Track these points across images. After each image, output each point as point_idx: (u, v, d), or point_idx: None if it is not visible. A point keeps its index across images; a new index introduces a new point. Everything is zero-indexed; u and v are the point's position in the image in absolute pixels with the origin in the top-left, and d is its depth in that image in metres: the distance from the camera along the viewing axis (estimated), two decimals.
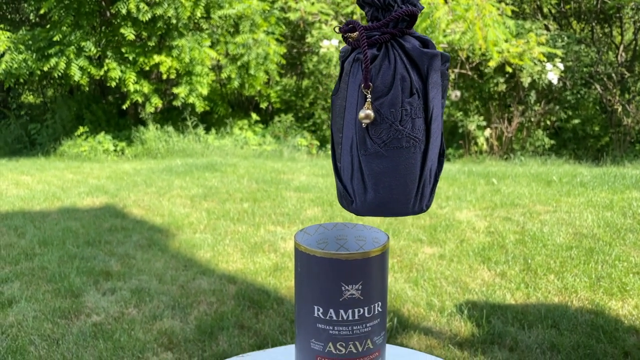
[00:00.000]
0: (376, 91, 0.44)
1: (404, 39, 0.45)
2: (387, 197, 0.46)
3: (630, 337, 1.88)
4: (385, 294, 0.53)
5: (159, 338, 1.86)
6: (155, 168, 4.97)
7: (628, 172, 4.32)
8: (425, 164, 0.46)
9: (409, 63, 0.45)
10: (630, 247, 2.63)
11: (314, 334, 0.51)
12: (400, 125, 0.44)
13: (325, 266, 0.50)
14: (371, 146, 0.45)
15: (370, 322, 0.51)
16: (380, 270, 0.52)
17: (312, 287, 0.51)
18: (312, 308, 0.51)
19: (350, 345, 0.51)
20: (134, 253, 2.70)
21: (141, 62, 6.02)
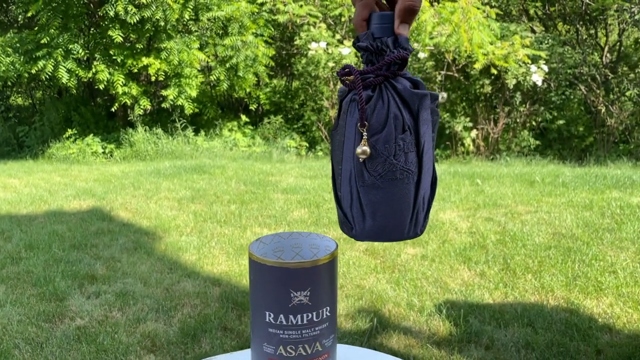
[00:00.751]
0: (372, 129, 0.48)
1: (396, 80, 0.49)
2: (384, 225, 0.50)
3: (604, 335, 1.93)
4: (335, 298, 0.57)
5: (142, 341, 1.89)
6: (143, 170, 4.99)
7: (609, 172, 4.40)
8: (419, 193, 0.51)
9: (401, 103, 0.49)
10: (607, 247, 2.69)
11: (266, 338, 0.55)
12: (394, 159, 0.49)
13: (275, 274, 0.53)
14: (368, 178, 0.49)
15: (319, 326, 0.55)
16: (328, 277, 0.55)
17: (264, 294, 0.54)
18: (264, 314, 0.55)
19: (300, 348, 0.55)
20: (120, 256, 2.73)
21: (130, 64, 6.03)
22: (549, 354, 1.81)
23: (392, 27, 0.50)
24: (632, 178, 4.01)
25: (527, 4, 7.49)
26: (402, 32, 0.49)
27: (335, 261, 0.56)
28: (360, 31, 0.50)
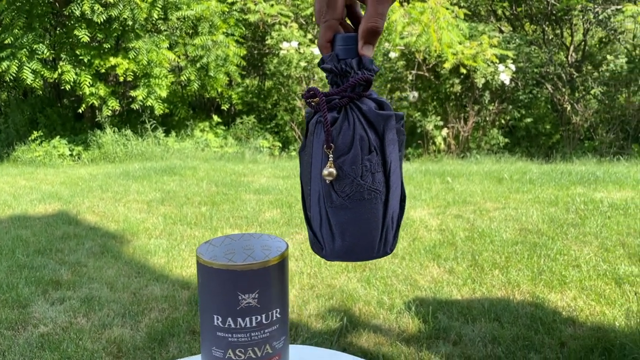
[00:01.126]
0: (338, 150, 0.49)
1: (361, 101, 0.50)
2: (354, 245, 0.51)
3: (567, 327, 1.98)
4: (285, 300, 0.56)
5: (108, 347, 1.85)
6: (112, 173, 4.89)
7: (574, 168, 4.51)
8: (387, 212, 0.51)
9: (366, 124, 0.49)
10: (571, 241, 2.76)
11: (215, 341, 0.54)
12: (361, 180, 0.49)
13: (222, 277, 0.53)
14: (336, 199, 0.50)
15: (269, 328, 0.55)
16: (278, 279, 0.55)
17: (211, 297, 0.54)
18: (212, 317, 0.54)
19: (249, 351, 0.54)
20: (86, 261, 2.67)
21: (97, 65, 5.91)
22: (515, 347, 1.84)
23: (356, 48, 0.50)
24: (596, 174, 4.12)
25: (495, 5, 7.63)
26: (366, 53, 0.49)
27: (286, 262, 0.56)
28: (324, 52, 0.50)
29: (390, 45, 5.81)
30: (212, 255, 0.57)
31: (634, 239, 2.73)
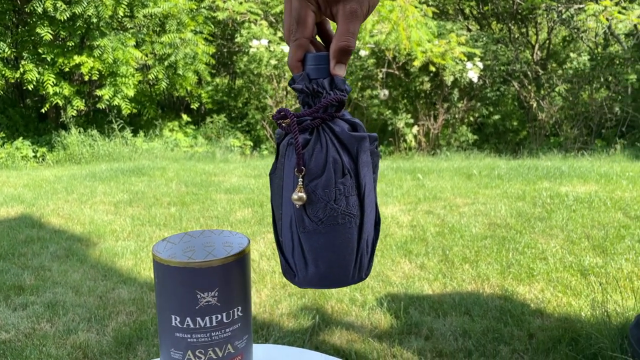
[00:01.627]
0: (310, 173, 0.47)
1: (334, 122, 0.48)
2: (327, 271, 0.49)
3: (536, 319, 2.01)
4: (248, 297, 0.55)
5: (73, 352, 1.79)
6: (77, 174, 4.76)
7: (541, 163, 4.61)
8: (362, 236, 0.49)
9: (339, 146, 0.48)
10: (538, 235, 2.81)
11: (173, 343, 0.52)
12: (335, 204, 0.47)
13: (179, 276, 0.51)
14: (309, 224, 0.48)
15: (230, 327, 0.53)
16: (238, 276, 0.53)
17: (169, 296, 0.51)
18: (169, 317, 0.52)
19: (210, 352, 0.52)
20: (50, 265, 2.58)
21: (60, 63, 5.74)
22: (485, 340, 1.86)
23: (327, 67, 0.48)
24: (562, 169, 4.22)
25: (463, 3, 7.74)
26: (338, 72, 0.48)
27: (247, 258, 0.54)
28: (295, 72, 0.49)
29: (360, 44, 5.82)
30: (170, 253, 0.54)
31: (598, 231, 2.80)
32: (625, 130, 6.12)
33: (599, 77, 6.34)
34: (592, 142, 6.20)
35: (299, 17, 0.47)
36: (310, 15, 0.47)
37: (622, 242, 2.64)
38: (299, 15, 0.47)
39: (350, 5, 0.46)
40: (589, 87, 6.53)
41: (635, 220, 2.93)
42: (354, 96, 6.39)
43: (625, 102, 6.12)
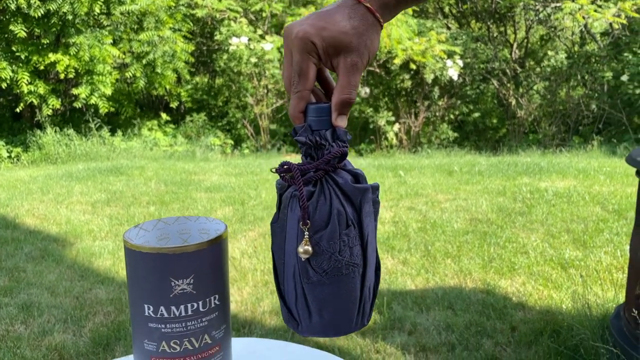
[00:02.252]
0: (315, 226, 0.47)
1: (337, 173, 0.48)
2: (331, 320, 0.49)
3: (518, 312, 2.02)
4: (224, 285, 0.52)
5: (48, 354, 1.74)
6: (53, 174, 4.65)
7: (520, 160, 4.66)
8: (364, 284, 0.50)
9: (343, 198, 0.48)
10: (519, 229, 2.83)
11: (147, 334, 0.49)
12: (339, 255, 0.48)
13: (152, 262, 0.48)
14: (313, 275, 0.48)
15: (207, 316, 0.50)
16: (215, 262, 0.50)
17: (141, 285, 0.49)
18: (142, 307, 0.49)
19: (186, 342, 0.49)
20: (25, 266, 2.51)
21: (35, 61, 5.61)
22: (468, 334, 1.86)
23: (329, 119, 0.49)
24: (540, 165, 4.26)
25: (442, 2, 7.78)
26: (339, 124, 0.49)
27: (224, 244, 0.52)
28: (297, 123, 0.49)
29: None
30: (143, 241, 0.52)
31: (577, 225, 2.83)
32: (601, 127, 6.22)
33: (576, 75, 6.45)
34: (570, 138, 6.29)
35: (301, 70, 0.47)
36: (312, 68, 0.48)
37: (601, 235, 2.68)
38: (301, 68, 0.47)
39: (351, 58, 0.47)
40: (566, 85, 6.62)
41: (613, 214, 2.97)
42: None
43: (601, 100, 6.23)
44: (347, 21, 0.47)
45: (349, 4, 0.48)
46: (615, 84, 5.89)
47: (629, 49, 5.98)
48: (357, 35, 0.47)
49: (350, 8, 0.48)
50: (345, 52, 0.47)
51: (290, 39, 0.48)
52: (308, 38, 0.47)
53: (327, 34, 0.47)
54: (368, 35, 0.48)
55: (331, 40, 0.47)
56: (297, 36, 0.47)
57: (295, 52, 0.48)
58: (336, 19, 0.47)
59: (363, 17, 0.48)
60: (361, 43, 0.48)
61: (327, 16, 0.47)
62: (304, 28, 0.47)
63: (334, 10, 0.48)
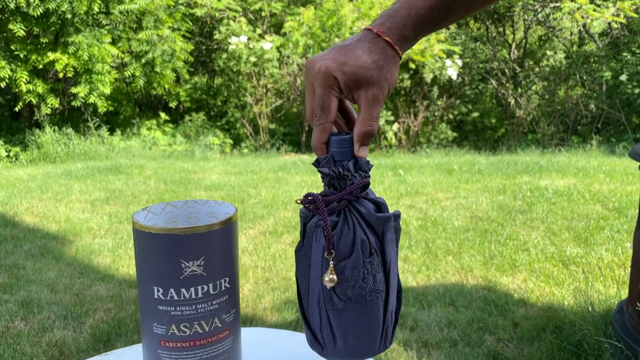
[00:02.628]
0: (339, 255, 0.48)
1: (360, 203, 0.50)
2: (355, 345, 0.50)
3: (519, 309, 2.02)
4: (234, 269, 0.51)
5: (49, 350, 1.73)
6: (52, 173, 4.64)
7: (520, 159, 4.66)
8: (387, 309, 0.51)
9: (366, 227, 0.49)
10: (519, 227, 2.83)
11: (156, 317, 0.49)
12: (363, 282, 0.49)
13: (162, 243, 0.47)
14: (338, 302, 0.49)
15: (217, 299, 0.50)
16: (225, 244, 0.50)
17: (150, 267, 0.48)
18: (151, 290, 0.48)
19: (196, 326, 0.49)
20: (24, 263, 2.50)
21: (34, 60, 5.59)
22: (470, 330, 1.85)
23: (351, 150, 0.50)
24: (540, 164, 4.27)
25: None
26: (362, 154, 0.50)
27: (234, 226, 0.51)
28: (319, 153, 0.51)
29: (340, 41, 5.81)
30: (152, 224, 0.51)
31: (578, 223, 2.83)
32: (600, 126, 6.23)
33: (575, 75, 6.45)
34: (569, 138, 6.29)
35: (323, 103, 0.49)
36: (334, 102, 0.49)
37: (601, 232, 2.68)
38: (323, 102, 0.48)
39: (372, 91, 0.49)
40: (565, 85, 6.63)
41: (614, 211, 2.97)
42: None
43: (600, 100, 6.24)
44: (368, 55, 0.48)
45: (369, 38, 0.49)
46: (614, 83, 5.89)
47: (628, 49, 5.99)
48: (377, 69, 0.49)
49: (370, 42, 0.49)
50: (367, 86, 0.49)
51: (313, 73, 0.49)
52: (330, 73, 0.48)
53: (348, 69, 0.48)
54: (388, 68, 0.49)
55: (352, 74, 0.48)
56: (320, 71, 0.48)
57: (317, 86, 0.49)
58: (357, 53, 0.48)
59: (383, 50, 0.49)
60: (381, 76, 0.49)
61: (348, 51, 0.48)
62: (326, 63, 0.48)
63: (354, 44, 0.49)
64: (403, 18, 0.49)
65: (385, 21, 0.50)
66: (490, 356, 1.70)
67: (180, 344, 0.49)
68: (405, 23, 0.49)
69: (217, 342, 0.50)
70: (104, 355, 0.72)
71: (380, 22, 0.50)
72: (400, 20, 0.49)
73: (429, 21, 0.50)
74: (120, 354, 0.72)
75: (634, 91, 5.62)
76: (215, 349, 0.50)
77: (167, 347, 0.49)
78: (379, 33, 0.49)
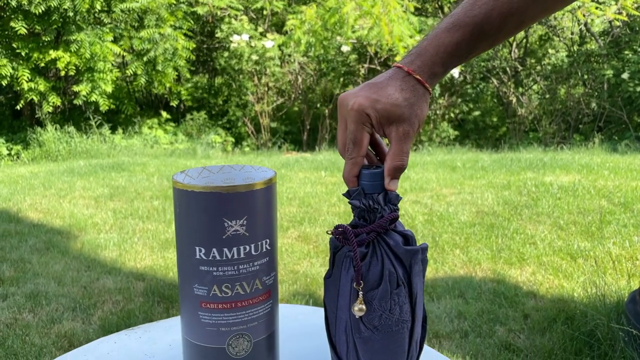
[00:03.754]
0: (367, 285, 0.50)
1: (388, 235, 0.51)
2: None
3: (529, 300, 2.01)
4: (274, 231, 0.51)
5: (58, 341, 1.72)
6: (54, 170, 4.63)
7: (523, 156, 4.66)
8: (412, 338, 0.52)
9: (394, 259, 0.50)
10: (526, 221, 2.82)
11: (197, 278, 0.48)
12: (390, 313, 0.50)
13: (205, 202, 0.47)
14: (365, 331, 0.50)
15: (258, 260, 0.49)
16: (266, 205, 0.49)
17: (193, 226, 0.47)
18: (193, 250, 0.48)
19: (237, 287, 0.48)
20: (30, 257, 2.49)
21: (36, 58, 5.59)
22: (481, 321, 1.85)
23: (382, 183, 0.52)
24: (544, 160, 4.27)
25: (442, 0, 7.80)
26: (392, 188, 0.52)
27: (273, 188, 0.51)
28: (350, 185, 0.52)
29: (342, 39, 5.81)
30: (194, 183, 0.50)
31: (584, 217, 2.83)
32: (602, 125, 6.24)
33: (577, 73, 6.46)
34: (571, 136, 6.30)
35: (356, 139, 0.51)
36: (366, 137, 0.51)
37: (608, 227, 2.67)
38: (356, 137, 0.51)
39: (403, 127, 0.51)
40: (567, 84, 6.64)
41: (620, 206, 2.97)
42: (336, 92, 6.38)
43: (601, 98, 6.24)
44: (399, 93, 0.50)
45: (400, 77, 0.51)
46: (615, 82, 5.90)
47: (630, 47, 6.00)
48: (408, 106, 0.51)
49: (401, 80, 0.51)
50: (398, 123, 0.51)
51: (346, 109, 0.51)
52: (363, 110, 0.50)
53: (380, 107, 0.50)
54: (418, 105, 0.51)
55: (384, 112, 0.50)
56: (353, 108, 0.50)
57: (350, 122, 0.51)
58: (389, 91, 0.50)
59: (414, 88, 0.51)
60: (412, 113, 0.51)
61: (380, 89, 0.51)
62: (359, 101, 0.50)
63: (386, 82, 0.51)
64: (432, 56, 0.51)
65: (415, 59, 0.52)
66: (502, 346, 1.70)
67: (221, 306, 0.48)
68: (435, 60, 0.51)
69: (257, 305, 0.49)
70: (131, 330, 0.71)
71: (410, 61, 0.52)
72: (429, 58, 0.51)
73: (457, 56, 0.52)
74: (147, 329, 0.72)
75: (636, 89, 5.63)
76: (255, 311, 0.49)
77: (208, 309, 0.48)
78: (410, 71, 0.51)
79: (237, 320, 0.49)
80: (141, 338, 0.69)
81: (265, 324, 0.51)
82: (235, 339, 0.49)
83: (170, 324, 0.73)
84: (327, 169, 4.40)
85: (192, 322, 0.49)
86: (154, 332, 0.71)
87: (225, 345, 0.49)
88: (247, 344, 0.50)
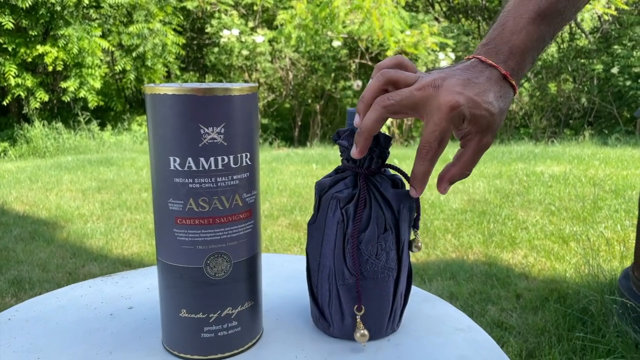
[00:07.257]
0: (355, 227, 0.48)
1: (377, 177, 0.49)
2: (364, 324, 0.50)
3: (521, 281, 1.99)
4: (255, 146, 0.48)
5: None
6: (42, 165, 4.56)
7: (514, 149, 4.66)
8: (397, 290, 0.50)
9: (382, 202, 0.48)
10: (517, 208, 2.81)
11: (172, 192, 0.45)
12: (376, 258, 0.48)
13: (180, 105, 0.43)
14: (349, 277, 0.49)
15: (238, 174, 0.46)
16: (246, 114, 0.46)
17: (166, 134, 0.44)
18: (167, 160, 0.44)
19: (215, 201, 0.45)
20: (14, 246, 2.43)
21: (23, 53, 5.51)
22: (472, 301, 1.83)
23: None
24: (534, 152, 4.27)
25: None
26: (443, 192, 0.51)
27: (255, 98, 0.47)
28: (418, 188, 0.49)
29: (333, 34, 5.79)
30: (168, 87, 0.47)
31: (575, 203, 2.82)
32: (592, 120, 6.27)
33: (567, 69, 6.49)
34: (561, 131, 6.32)
35: (444, 138, 0.46)
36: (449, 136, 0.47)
37: (600, 212, 2.67)
38: (444, 137, 0.46)
39: (487, 138, 0.47)
40: (557, 79, 6.67)
41: (611, 193, 2.97)
42: (327, 87, 6.35)
43: (591, 93, 6.28)
44: (497, 102, 0.47)
45: (498, 80, 0.47)
46: (605, 76, 5.93)
47: (619, 42, 6.03)
48: (500, 116, 0.47)
49: (500, 86, 0.47)
50: (484, 132, 0.47)
51: (438, 102, 0.45)
52: (461, 111, 0.45)
53: (478, 113, 0.46)
54: (505, 114, 0.48)
55: (480, 119, 0.46)
56: (449, 105, 0.45)
57: (441, 118, 0.45)
58: (489, 97, 0.46)
59: (507, 95, 0.48)
60: (500, 124, 0.48)
61: (482, 93, 0.46)
62: (459, 99, 0.45)
63: (486, 85, 0.46)
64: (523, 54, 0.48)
65: (509, 59, 0.47)
66: (495, 325, 1.67)
67: (198, 221, 0.45)
68: (527, 59, 0.48)
69: (237, 223, 0.46)
70: (107, 277, 0.67)
71: (504, 60, 0.47)
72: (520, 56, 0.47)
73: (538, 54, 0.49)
74: (124, 275, 0.68)
75: (625, 83, 5.67)
76: (235, 229, 0.46)
77: (184, 225, 0.45)
78: (507, 76, 0.47)
79: (215, 238, 0.46)
80: (118, 283, 0.66)
81: (246, 245, 0.48)
82: (213, 259, 0.46)
83: (150, 271, 0.69)
84: (318, 162, 4.38)
85: (167, 241, 0.46)
86: (132, 278, 0.67)
87: (203, 264, 0.46)
88: (226, 264, 0.47)
